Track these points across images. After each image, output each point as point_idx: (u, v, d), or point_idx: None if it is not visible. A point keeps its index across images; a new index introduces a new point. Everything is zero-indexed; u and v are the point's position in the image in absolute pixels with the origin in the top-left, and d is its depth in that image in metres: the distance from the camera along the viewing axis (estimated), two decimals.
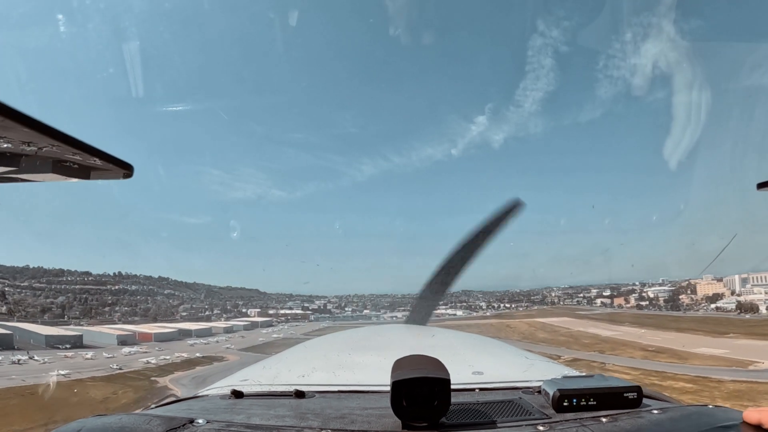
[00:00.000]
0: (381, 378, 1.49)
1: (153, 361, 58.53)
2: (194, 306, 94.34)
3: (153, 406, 1.70)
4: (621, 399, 1.33)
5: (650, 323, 64.28)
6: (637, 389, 1.35)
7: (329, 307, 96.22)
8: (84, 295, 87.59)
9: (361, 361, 2.24)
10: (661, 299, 76.36)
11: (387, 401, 1.19)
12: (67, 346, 61.75)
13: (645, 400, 1.38)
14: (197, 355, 62.64)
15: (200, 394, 1.85)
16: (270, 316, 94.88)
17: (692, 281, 77.00)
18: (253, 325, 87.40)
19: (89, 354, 58.89)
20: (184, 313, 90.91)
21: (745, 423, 1.13)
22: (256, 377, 1.97)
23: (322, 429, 1.19)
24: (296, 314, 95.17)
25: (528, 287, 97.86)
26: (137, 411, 1.46)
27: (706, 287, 75.33)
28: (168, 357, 60.83)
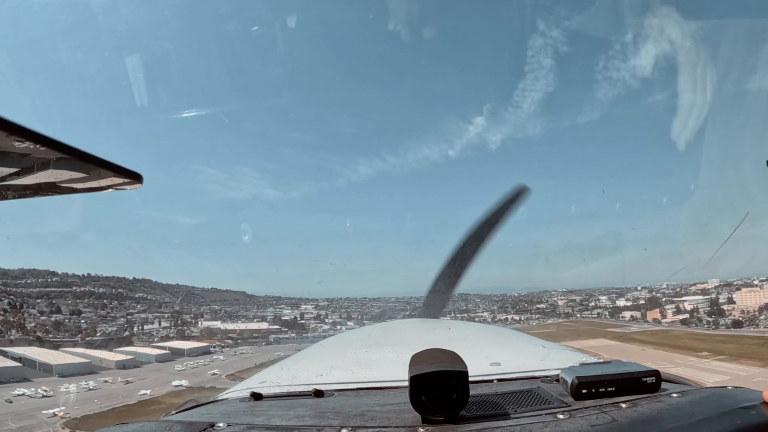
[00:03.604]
0: (399, 373, 1.47)
1: None
2: (133, 317, 76.60)
3: (174, 412, 1.67)
4: (640, 384, 1.27)
5: (734, 351, 48.30)
6: (656, 373, 1.30)
7: (308, 317, 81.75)
8: (38, 299, 73.12)
9: (378, 358, 2.12)
10: (701, 310, 62.25)
11: (406, 396, 1.14)
12: None
13: (664, 384, 1.32)
14: None
15: (220, 398, 1.81)
16: (218, 337, 72.97)
17: (699, 286, 65.92)
18: (176, 354, 64.05)
19: None
20: (114, 328, 72.17)
21: (765, 403, 1.08)
22: (274, 378, 1.90)
23: (342, 427, 1.15)
24: (258, 331, 75.71)
25: (525, 290, 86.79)
26: (159, 418, 1.44)
27: (746, 296, 61.63)
28: None
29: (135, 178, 0.92)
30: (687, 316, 62.57)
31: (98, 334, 69.07)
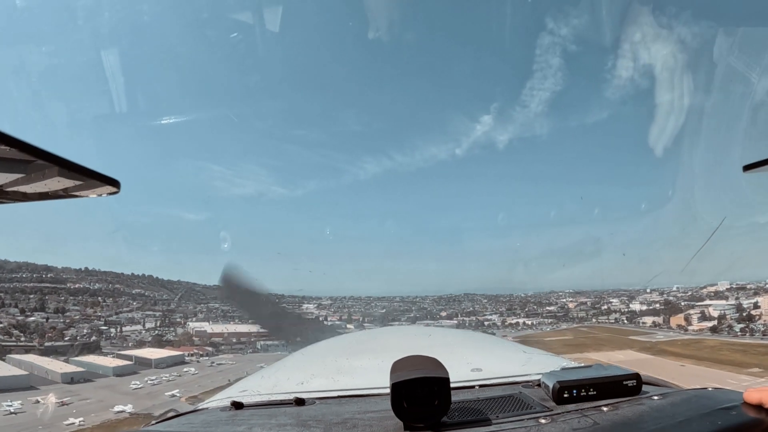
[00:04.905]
0: (380, 380, 1.47)
1: None
2: (119, 318, 72.13)
3: (154, 422, 1.65)
4: (621, 387, 1.28)
5: None
6: (636, 376, 1.31)
7: (306, 317, 77.60)
8: (31, 295, 69.85)
9: (360, 365, 2.09)
10: (729, 318, 57.44)
11: (387, 403, 1.13)
12: None
13: (644, 387, 1.33)
14: None
15: (200, 408, 1.77)
16: (198, 343, 64.29)
17: (710, 288, 62.27)
18: (142, 365, 55.69)
19: None
20: (85, 331, 66.07)
21: (745, 403, 1.09)
22: (255, 387, 1.88)
23: None
24: (248, 335, 66.93)
25: (531, 290, 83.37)
26: (139, 428, 1.45)
27: None
28: None
29: (112, 184, 0.90)
30: (715, 323, 57.75)
31: (67, 338, 61.96)
